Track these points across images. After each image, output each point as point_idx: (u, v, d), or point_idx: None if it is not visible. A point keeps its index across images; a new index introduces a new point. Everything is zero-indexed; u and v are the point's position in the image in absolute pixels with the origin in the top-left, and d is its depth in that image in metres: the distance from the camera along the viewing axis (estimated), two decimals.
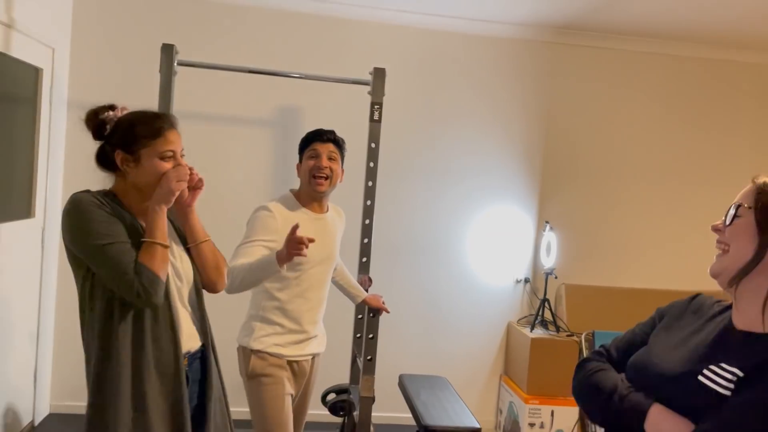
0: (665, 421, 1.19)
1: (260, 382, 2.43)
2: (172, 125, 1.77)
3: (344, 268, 2.92)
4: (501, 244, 4.22)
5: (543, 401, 3.80)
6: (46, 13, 3.43)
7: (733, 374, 1.16)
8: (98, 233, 1.62)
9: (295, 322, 2.47)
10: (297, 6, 3.92)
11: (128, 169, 1.72)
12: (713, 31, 3.96)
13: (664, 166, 4.35)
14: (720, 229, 1.29)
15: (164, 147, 1.72)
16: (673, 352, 1.29)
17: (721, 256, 1.28)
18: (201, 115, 3.90)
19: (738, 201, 1.27)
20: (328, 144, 2.50)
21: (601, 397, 1.29)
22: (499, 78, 4.17)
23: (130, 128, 1.71)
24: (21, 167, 3.33)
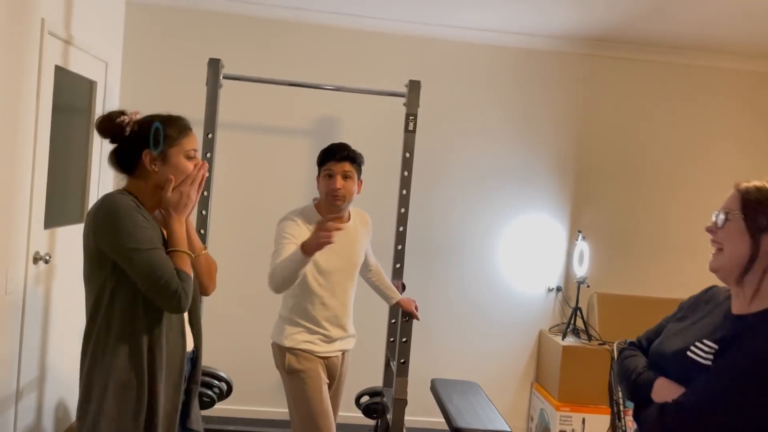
0: (664, 389, 1.46)
1: (299, 377, 2.58)
2: (191, 127, 1.88)
3: (380, 270, 3.03)
4: (533, 252, 4.28)
5: (574, 409, 3.83)
6: (100, 29, 3.63)
7: (711, 348, 1.44)
8: (141, 238, 1.68)
9: (319, 326, 2.62)
10: (335, 21, 4.06)
11: (155, 168, 1.79)
12: (750, 44, 3.96)
13: (697, 176, 4.35)
14: (713, 230, 1.52)
15: (189, 146, 1.84)
16: (677, 336, 1.56)
17: (716, 254, 1.51)
18: (245, 126, 4.06)
19: (725, 206, 1.50)
20: (343, 163, 2.59)
21: (627, 377, 1.58)
22: (532, 89, 4.24)
23: (164, 130, 1.80)
24: (75, 174, 3.53)
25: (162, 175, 1.80)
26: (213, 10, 3.99)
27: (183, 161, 1.82)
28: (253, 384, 3.99)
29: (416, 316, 3.10)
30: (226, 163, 3.92)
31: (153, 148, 1.77)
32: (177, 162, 1.81)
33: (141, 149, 1.79)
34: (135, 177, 1.83)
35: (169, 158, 1.80)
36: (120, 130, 1.80)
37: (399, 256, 3.46)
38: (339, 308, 2.66)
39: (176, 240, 1.79)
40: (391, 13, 3.93)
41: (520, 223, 4.27)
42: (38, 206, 2.98)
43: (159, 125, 1.78)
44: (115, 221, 1.68)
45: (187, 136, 1.84)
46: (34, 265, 2.98)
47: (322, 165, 2.64)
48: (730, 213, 1.47)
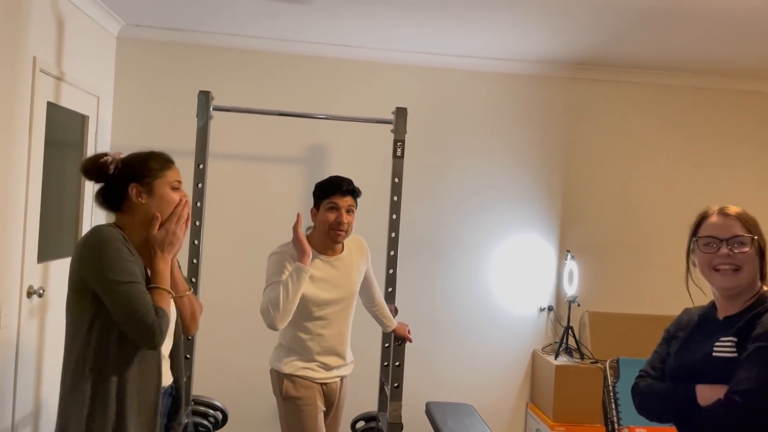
0: (708, 390, 1.61)
1: (295, 404, 2.60)
2: (173, 161, 1.94)
3: (381, 299, 3.04)
4: (524, 273, 4.32)
5: (569, 428, 3.84)
6: (91, 64, 3.70)
7: (731, 341, 1.63)
8: (123, 270, 1.70)
9: (317, 355, 2.64)
10: (322, 51, 4.14)
11: (141, 201, 1.84)
12: (733, 63, 4.06)
13: (684, 195, 4.41)
14: (729, 254, 1.70)
15: (173, 177, 1.90)
16: (687, 350, 1.75)
17: (734, 274, 1.70)
18: (235, 156, 4.12)
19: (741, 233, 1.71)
20: (347, 197, 2.62)
21: (661, 399, 1.72)
22: (518, 113, 4.32)
23: (143, 163, 1.87)
24: (68, 208, 3.56)
25: (149, 207, 1.85)
26: (202, 44, 4.07)
27: (169, 192, 1.88)
28: (248, 412, 3.98)
29: (409, 339, 3.13)
30: (217, 193, 3.97)
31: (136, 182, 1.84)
32: (163, 193, 1.86)
33: (127, 184, 1.85)
34: (122, 212, 1.88)
35: (154, 190, 1.85)
36: (104, 169, 1.85)
37: (391, 280, 3.50)
38: (336, 339, 2.68)
39: (159, 278, 1.82)
40: (377, 42, 4.02)
41: (510, 243, 4.32)
42: (31, 240, 3.01)
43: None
44: (100, 252, 1.72)
45: (170, 169, 1.90)
46: (28, 299, 3.00)
47: (325, 197, 2.63)
48: (745, 237, 1.69)
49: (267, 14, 3.59)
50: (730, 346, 1.63)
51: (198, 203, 3.37)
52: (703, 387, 1.63)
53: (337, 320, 2.67)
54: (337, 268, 2.67)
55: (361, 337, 3.79)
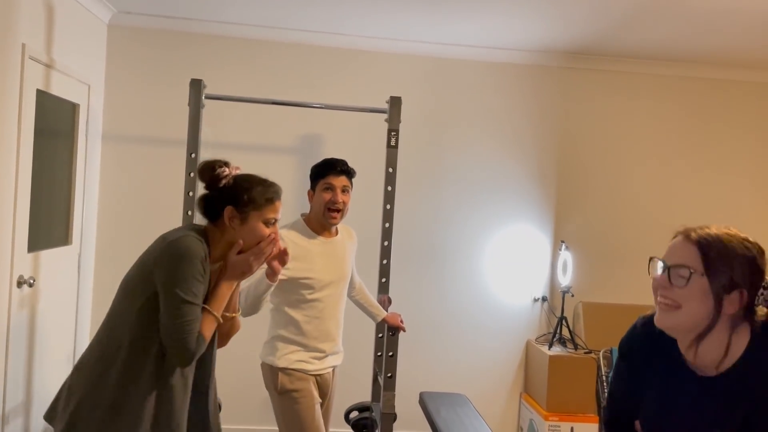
0: None
1: (292, 397, 2.57)
2: (280, 196, 1.94)
3: (363, 287, 3.05)
4: (518, 263, 4.31)
5: (562, 418, 3.85)
6: (82, 52, 3.66)
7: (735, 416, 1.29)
8: (188, 290, 1.72)
9: (313, 340, 2.61)
10: (316, 39, 4.10)
11: (233, 225, 1.86)
12: (726, 53, 4.05)
13: (678, 185, 4.41)
14: (666, 285, 1.35)
15: (271, 214, 1.90)
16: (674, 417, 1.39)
17: (669, 311, 1.35)
18: (229, 145, 4.09)
19: (684, 263, 1.33)
20: (342, 177, 2.64)
21: None
22: (513, 102, 4.30)
23: (248, 190, 1.87)
24: (60, 197, 3.53)
25: (237, 233, 1.86)
26: (194, 31, 4.03)
27: (260, 226, 1.88)
28: (240, 403, 3.98)
29: (402, 328, 3.12)
30: None
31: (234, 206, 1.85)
32: (254, 226, 1.87)
33: (226, 204, 1.86)
34: (215, 225, 1.89)
35: (248, 220, 1.86)
36: (216, 180, 1.88)
37: (384, 271, 3.48)
38: (331, 323, 2.67)
39: (216, 302, 1.83)
40: (372, 30, 3.99)
41: (504, 234, 4.31)
42: (21, 230, 2.98)
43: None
44: (178, 263, 1.73)
45: (271, 204, 1.90)
46: (18, 289, 2.98)
47: (320, 178, 2.65)
48: (693, 273, 1.31)
49: (260, 2, 3.56)
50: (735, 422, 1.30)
51: (190, 193, 3.35)
52: None
53: (332, 303, 2.66)
54: (331, 251, 2.67)
55: (355, 328, 3.79)
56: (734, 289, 1.29)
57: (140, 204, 4.02)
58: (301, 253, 2.52)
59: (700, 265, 1.31)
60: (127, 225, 4.01)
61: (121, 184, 4.02)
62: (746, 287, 1.30)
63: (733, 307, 1.30)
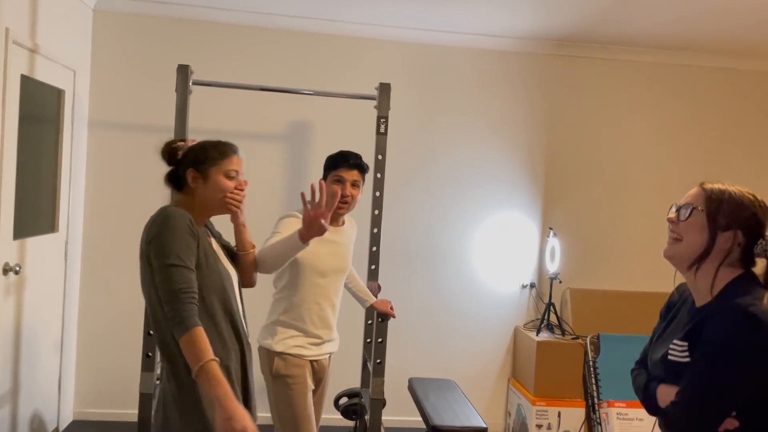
0: (663, 394, 1.55)
1: (285, 382, 2.59)
2: (236, 151, 2.02)
3: (355, 273, 3.07)
4: (507, 250, 4.34)
5: (550, 403, 3.90)
6: (67, 37, 3.61)
7: (682, 345, 1.53)
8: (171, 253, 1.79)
9: (312, 326, 2.63)
10: (305, 25, 4.07)
11: (197, 186, 1.96)
12: (711, 41, 4.07)
13: (665, 172, 4.45)
14: (674, 221, 1.60)
15: (229, 166, 1.98)
16: (659, 342, 1.65)
17: (673, 243, 1.60)
18: (216, 132, 4.06)
19: (690, 202, 1.59)
20: (354, 171, 2.65)
21: (639, 393, 1.66)
22: (502, 89, 4.30)
23: (202, 150, 1.98)
24: (46, 184, 3.49)
25: (203, 191, 1.96)
26: (182, 17, 3.98)
27: (222, 180, 1.96)
28: None
29: (392, 315, 3.13)
30: None
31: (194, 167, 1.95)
32: (216, 180, 1.96)
33: (187, 168, 1.97)
34: (184, 194, 1.99)
35: (209, 176, 1.96)
36: (174, 153, 2.00)
37: (374, 258, 3.49)
38: (330, 310, 2.70)
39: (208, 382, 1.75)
40: (361, 16, 3.96)
41: (493, 221, 4.32)
42: (6, 217, 2.95)
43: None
44: (160, 231, 1.82)
45: (227, 158, 1.98)
46: (4, 276, 2.95)
47: (332, 169, 2.67)
48: (695, 208, 1.56)
49: None
50: (680, 350, 1.53)
51: None
52: (662, 388, 1.57)
53: (332, 291, 2.69)
54: (337, 240, 2.70)
55: (345, 314, 3.79)
56: (729, 229, 1.52)
57: (127, 191, 3.99)
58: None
59: (702, 203, 1.56)
60: (114, 212, 3.98)
61: (107, 170, 3.99)
62: (740, 229, 1.52)
63: (726, 244, 1.52)
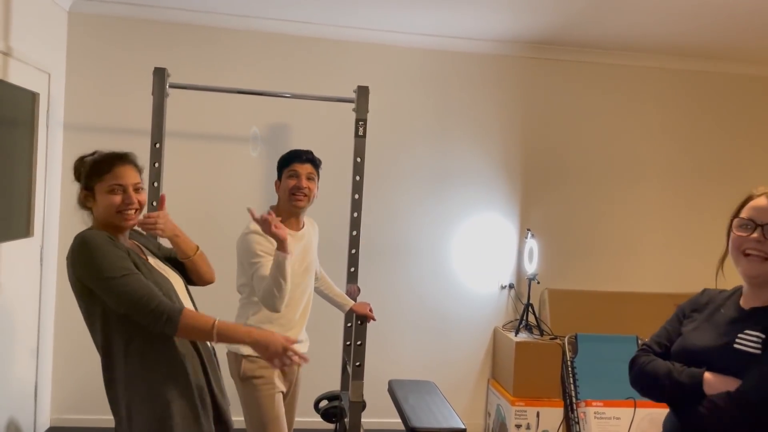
0: (718, 381, 1.53)
1: (253, 384, 2.59)
2: (126, 161, 1.89)
3: (327, 278, 3.07)
4: (485, 251, 4.36)
5: (529, 403, 3.93)
6: (42, 40, 3.57)
7: (758, 336, 1.54)
8: (113, 265, 1.74)
9: (280, 328, 2.61)
10: (281, 28, 4.07)
11: (89, 206, 1.88)
12: (683, 44, 4.13)
13: (640, 173, 4.51)
14: (762, 241, 1.59)
15: (112, 181, 1.84)
16: (704, 333, 1.64)
17: (762, 262, 1.59)
18: (194, 135, 4.04)
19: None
20: (307, 165, 2.68)
21: (660, 381, 1.63)
22: (480, 92, 4.33)
23: (87, 168, 1.88)
24: (20, 188, 3.45)
25: (96, 210, 1.87)
26: (158, 19, 3.96)
27: (108, 197, 1.85)
28: None
29: (371, 317, 3.13)
30: (175, 172, 3.89)
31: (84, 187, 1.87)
32: (102, 198, 1.85)
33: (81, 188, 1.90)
34: (91, 211, 1.91)
35: (95, 195, 1.86)
36: (77, 171, 1.91)
37: (353, 260, 3.49)
38: (297, 311, 2.69)
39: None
40: (338, 20, 3.97)
41: (471, 223, 4.35)
42: None
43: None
44: (87, 254, 1.74)
45: (110, 173, 1.85)
46: None
47: (285, 166, 2.69)
48: None
49: None
50: (755, 341, 1.54)
51: (155, 183, 3.30)
52: (712, 375, 1.55)
53: (299, 293, 2.68)
54: (298, 243, 2.69)
55: (324, 317, 3.79)
56: None
57: None
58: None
59: None
60: None
61: None
62: None
63: None
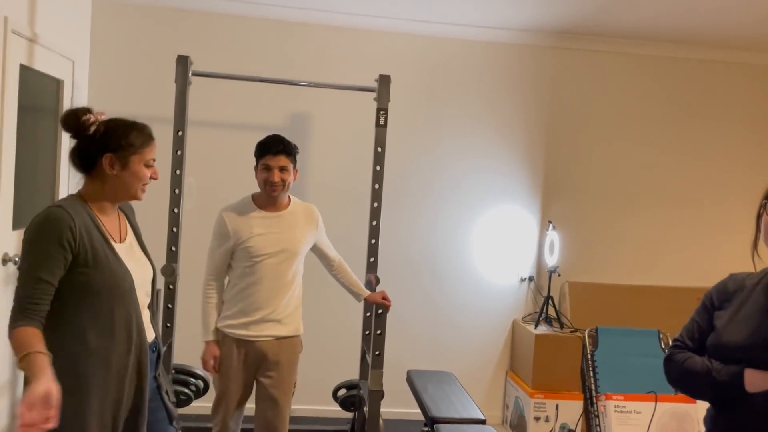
0: (760, 377, 1.47)
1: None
2: (153, 137, 1.93)
3: (344, 266, 3.06)
4: (506, 243, 4.34)
5: (548, 395, 3.91)
6: (66, 27, 3.59)
7: None
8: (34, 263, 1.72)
9: (251, 306, 2.73)
10: (306, 17, 4.06)
11: (113, 173, 1.83)
12: (713, 35, 4.06)
13: (664, 165, 4.44)
14: None
15: (150, 155, 1.89)
16: (739, 327, 1.56)
17: None
18: (215, 123, 4.05)
19: None
20: (279, 157, 2.74)
21: (699, 378, 1.57)
22: (502, 82, 4.29)
23: (124, 135, 1.84)
24: (44, 175, 3.49)
25: (120, 179, 1.85)
26: (181, 7, 3.97)
27: (142, 169, 1.88)
28: None
29: (385, 304, 3.11)
30: (197, 160, 3.91)
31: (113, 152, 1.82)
32: (137, 170, 1.87)
33: (102, 152, 1.83)
34: (91, 178, 1.87)
35: (129, 165, 1.85)
36: (84, 128, 1.82)
37: (373, 250, 3.49)
38: (272, 292, 2.74)
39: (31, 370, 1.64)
40: (360, 8, 3.95)
41: (492, 214, 4.32)
42: (5, 207, 2.94)
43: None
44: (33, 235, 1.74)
45: (149, 146, 1.89)
46: (4, 267, 2.95)
47: (259, 158, 2.78)
48: None
49: None
50: None
51: (177, 171, 3.32)
52: (754, 372, 1.48)
53: (274, 274, 2.74)
54: (274, 223, 2.77)
55: (343, 306, 3.80)
56: None
57: None
58: (239, 225, 2.73)
59: None
60: None
61: None
62: None
63: None
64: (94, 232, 1.81)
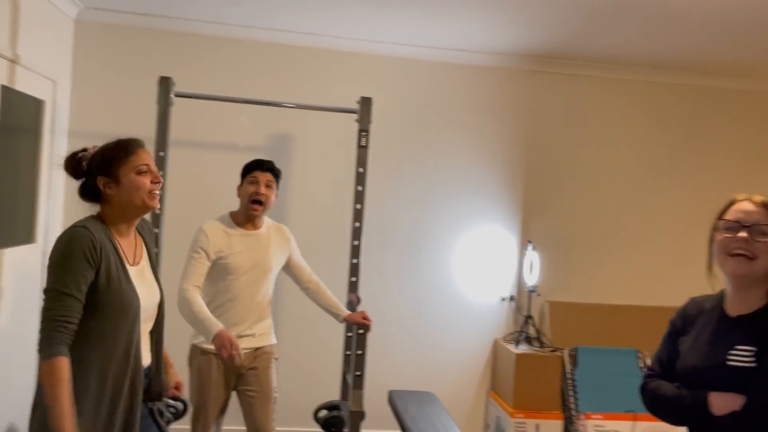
0: (722, 399, 1.55)
1: (193, 371, 2.85)
2: (140, 145, 1.94)
3: (321, 287, 3.10)
4: (486, 263, 4.37)
5: (528, 415, 3.92)
6: (48, 47, 3.60)
7: (749, 350, 1.56)
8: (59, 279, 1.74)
9: (226, 322, 2.76)
10: (286, 39, 4.10)
11: (111, 191, 1.88)
12: (689, 59, 4.16)
13: (642, 188, 4.52)
14: (749, 240, 1.61)
15: (138, 162, 1.90)
16: (698, 352, 1.66)
17: (746, 261, 1.61)
18: (198, 144, 4.06)
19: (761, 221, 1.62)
20: (267, 173, 2.88)
21: (669, 405, 1.66)
22: (483, 105, 4.36)
23: (105, 152, 1.90)
24: (24, 194, 3.47)
25: (120, 196, 1.88)
26: (163, 28, 3.99)
27: (134, 178, 1.89)
28: None
29: (367, 324, 3.10)
30: (179, 181, 3.91)
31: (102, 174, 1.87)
32: (129, 179, 1.88)
33: (95, 178, 1.88)
34: (102, 205, 1.92)
35: (120, 178, 1.88)
36: (78, 166, 1.91)
37: (354, 270, 3.50)
38: (247, 307, 2.83)
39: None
40: (342, 31, 4.00)
41: (472, 234, 4.36)
42: None
43: None
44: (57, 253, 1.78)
45: (134, 153, 1.90)
46: None
47: (247, 173, 2.90)
48: (766, 227, 1.61)
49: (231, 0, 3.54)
50: (747, 355, 1.55)
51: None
52: (716, 396, 1.56)
53: (249, 290, 2.83)
54: (251, 241, 2.87)
55: (324, 326, 3.80)
56: None
57: None
58: (222, 239, 2.81)
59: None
60: None
61: None
62: None
63: None
64: (112, 253, 1.85)
